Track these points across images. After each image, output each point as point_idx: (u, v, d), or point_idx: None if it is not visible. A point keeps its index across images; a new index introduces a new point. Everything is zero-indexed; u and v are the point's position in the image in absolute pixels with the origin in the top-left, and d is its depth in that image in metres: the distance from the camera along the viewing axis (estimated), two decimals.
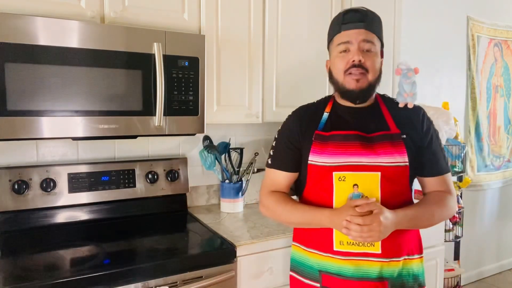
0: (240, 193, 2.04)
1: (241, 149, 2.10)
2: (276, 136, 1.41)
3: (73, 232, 1.68)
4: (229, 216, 1.96)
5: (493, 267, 3.66)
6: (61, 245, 1.53)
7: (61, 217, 1.73)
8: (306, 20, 2.02)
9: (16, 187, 1.63)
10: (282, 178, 1.37)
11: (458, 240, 2.82)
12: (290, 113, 1.42)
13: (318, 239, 1.29)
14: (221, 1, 1.78)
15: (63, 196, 1.72)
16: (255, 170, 2.10)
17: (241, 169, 2.09)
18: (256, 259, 1.61)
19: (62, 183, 1.72)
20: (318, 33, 2.05)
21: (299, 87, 2.03)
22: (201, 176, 2.14)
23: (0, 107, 1.33)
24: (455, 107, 3.17)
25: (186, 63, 1.63)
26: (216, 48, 1.79)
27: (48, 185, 1.68)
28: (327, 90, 2.12)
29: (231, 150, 2.08)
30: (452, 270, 2.71)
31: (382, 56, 1.34)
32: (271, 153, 1.40)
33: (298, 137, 1.34)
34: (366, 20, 1.26)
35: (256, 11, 1.87)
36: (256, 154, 2.13)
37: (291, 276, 1.40)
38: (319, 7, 2.05)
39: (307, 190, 1.34)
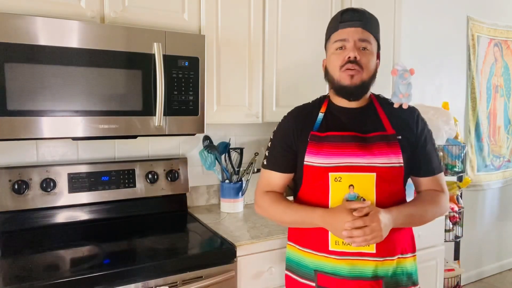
0: (240, 193, 2.04)
1: (241, 149, 2.10)
2: (272, 137, 1.41)
3: (73, 232, 1.68)
4: (229, 216, 1.96)
5: (493, 267, 3.66)
6: (61, 245, 1.54)
7: (61, 217, 1.73)
8: (306, 20, 2.02)
9: (16, 187, 1.63)
10: (277, 178, 1.38)
11: (458, 240, 2.82)
12: (285, 114, 1.43)
13: (313, 239, 1.29)
14: (221, 1, 1.78)
15: (63, 196, 1.72)
16: (255, 170, 2.10)
17: (241, 169, 2.09)
18: (256, 259, 1.61)
19: (62, 183, 1.72)
20: (318, 33, 2.05)
21: (299, 87, 2.02)
22: (201, 176, 2.14)
23: (0, 107, 1.33)
24: (455, 107, 3.16)
25: (186, 63, 1.63)
26: (216, 48, 1.79)
27: (48, 185, 1.68)
28: (327, 90, 2.11)
29: (231, 150, 2.08)
30: (452, 270, 2.71)
31: (378, 58, 1.36)
32: (266, 154, 1.41)
33: (293, 138, 1.34)
34: (363, 20, 1.28)
35: (256, 11, 1.87)
36: (256, 154, 2.13)
37: (286, 276, 1.40)
38: (319, 7, 2.05)
39: (302, 190, 1.34)
